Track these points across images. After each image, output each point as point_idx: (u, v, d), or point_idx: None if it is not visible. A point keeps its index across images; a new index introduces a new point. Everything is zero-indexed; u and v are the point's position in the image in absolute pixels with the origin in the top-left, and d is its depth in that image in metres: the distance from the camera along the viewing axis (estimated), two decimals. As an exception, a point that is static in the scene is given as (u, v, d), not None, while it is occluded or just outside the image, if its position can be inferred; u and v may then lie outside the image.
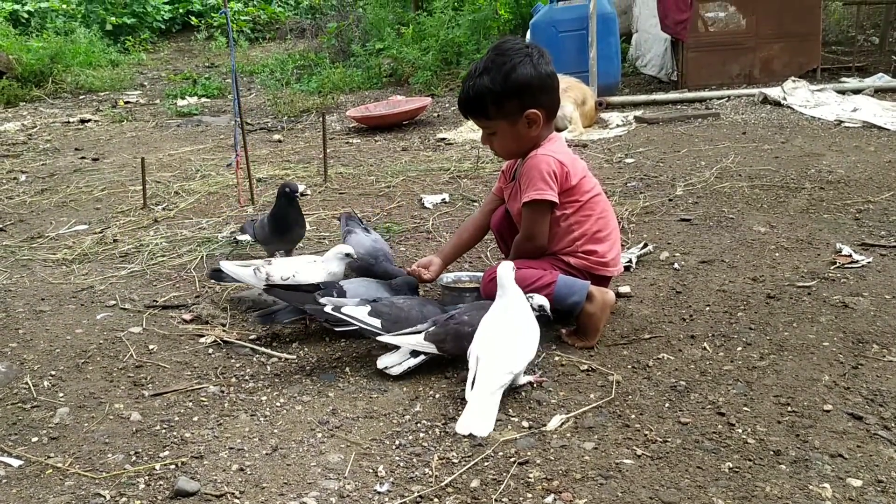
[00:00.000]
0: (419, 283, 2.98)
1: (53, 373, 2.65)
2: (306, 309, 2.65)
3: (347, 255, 2.99)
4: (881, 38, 9.36)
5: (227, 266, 3.03)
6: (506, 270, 2.46)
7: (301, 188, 2.76)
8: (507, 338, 2.32)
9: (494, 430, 2.16)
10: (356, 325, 2.54)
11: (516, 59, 2.61)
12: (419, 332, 2.48)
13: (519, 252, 2.81)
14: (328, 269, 2.98)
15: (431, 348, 2.45)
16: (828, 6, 9.92)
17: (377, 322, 2.54)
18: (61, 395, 2.51)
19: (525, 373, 2.36)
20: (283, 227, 3.40)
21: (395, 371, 2.47)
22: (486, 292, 2.79)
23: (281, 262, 3.04)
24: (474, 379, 2.23)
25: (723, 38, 7.71)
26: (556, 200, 2.66)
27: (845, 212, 3.85)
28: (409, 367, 2.47)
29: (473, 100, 2.69)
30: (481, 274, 3.18)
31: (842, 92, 6.92)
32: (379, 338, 2.51)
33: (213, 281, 3.28)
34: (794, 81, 7.02)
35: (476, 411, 2.17)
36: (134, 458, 2.13)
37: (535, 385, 2.37)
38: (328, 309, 2.55)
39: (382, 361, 2.50)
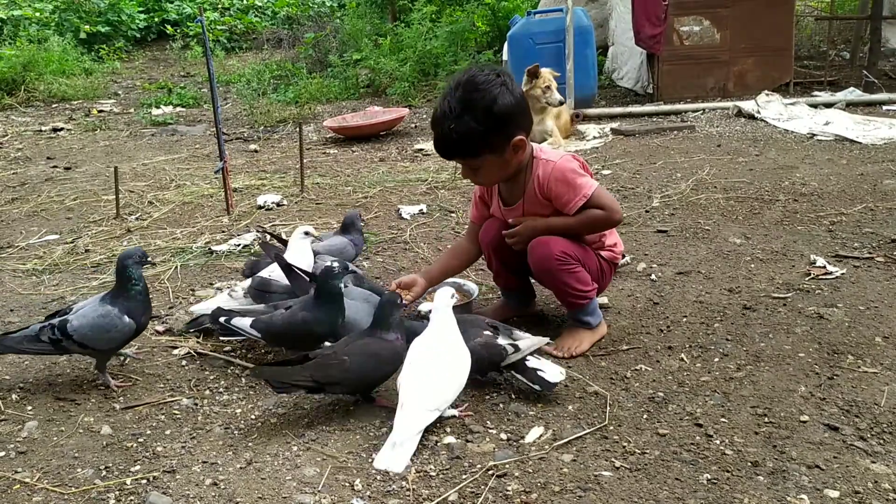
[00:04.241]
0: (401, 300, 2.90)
1: (22, 385, 2.59)
2: (210, 316, 2.68)
3: (307, 233, 3.09)
4: (852, 53, 9.51)
5: (200, 308, 2.97)
6: (444, 297, 2.36)
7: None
8: (436, 372, 2.21)
9: (472, 442, 2.15)
10: (242, 337, 2.64)
11: (494, 91, 2.49)
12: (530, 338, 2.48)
13: (598, 227, 2.73)
14: (296, 248, 3.03)
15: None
16: (800, 21, 10.07)
17: (256, 334, 2.57)
18: (30, 408, 2.45)
19: (452, 405, 2.27)
20: None
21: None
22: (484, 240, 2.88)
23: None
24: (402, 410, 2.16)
25: (697, 51, 7.78)
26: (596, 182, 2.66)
27: (819, 224, 3.89)
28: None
29: (458, 142, 2.55)
30: (462, 281, 3.17)
31: (814, 106, 7.01)
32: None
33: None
34: (767, 95, 7.11)
35: (396, 447, 2.07)
36: (104, 472, 2.08)
37: (460, 418, 2.27)
38: (222, 320, 2.60)
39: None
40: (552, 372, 2.37)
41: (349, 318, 2.65)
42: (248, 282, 2.99)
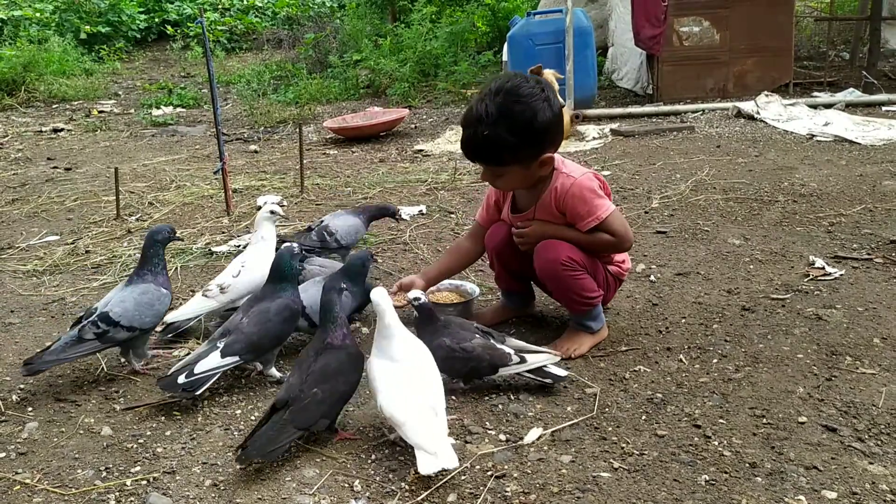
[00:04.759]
0: (372, 257, 2.86)
1: (22, 386, 2.60)
2: (160, 388, 2.41)
3: (273, 212, 3.08)
4: (851, 53, 9.52)
5: (176, 315, 2.91)
6: (383, 295, 2.23)
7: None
8: (422, 379, 2.15)
9: (471, 443, 2.15)
10: (217, 375, 2.41)
11: (536, 106, 2.44)
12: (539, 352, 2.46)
13: (607, 250, 2.75)
14: (262, 234, 3.02)
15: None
16: (799, 22, 10.07)
17: (235, 358, 2.42)
18: (30, 409, 2.46)
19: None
20: None
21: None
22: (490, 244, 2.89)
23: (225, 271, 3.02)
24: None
25: (697, 52, 7.79)
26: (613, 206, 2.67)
27: (818, 224, 3.90)
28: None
29: (487, 149, 2.51)
30: (461, 282, 3.18)
31: (814, 106, 7.02)
32: (518, 369, 2.41)
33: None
34: (766, 96, 7.12)
35: (437, 453, 1.96)
36: (104, 473, 2.09)
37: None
38: (182, 379, 2.33)
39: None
40: (556, 368, 2.43)
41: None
42: (220, 278, 2.97)
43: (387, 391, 2.11)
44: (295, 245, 2.68)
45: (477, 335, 2.46)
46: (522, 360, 2.41)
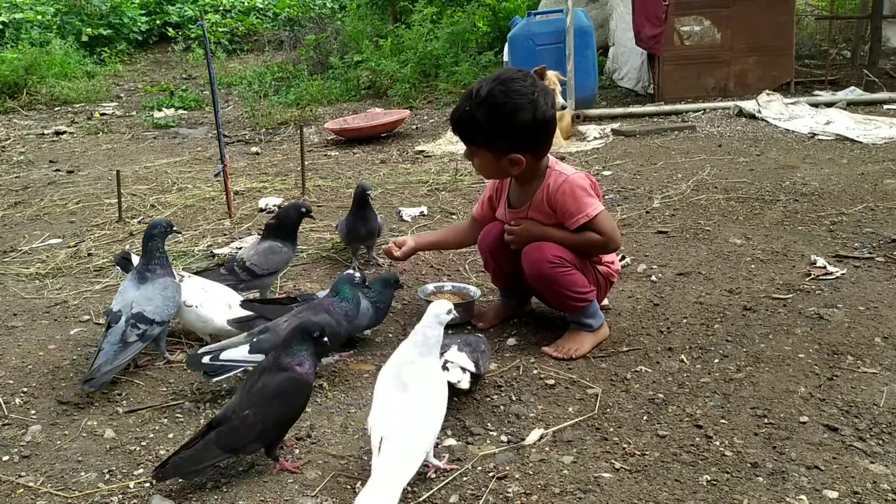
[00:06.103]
0: (397, 280, 2.88)
1: (25, 389, 2.61)
2: (186, 364, 2.45)
3: None
4: (853, 51, 9.51)
5: None
6: (440, 309, 2.10)
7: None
8: (417, 410, 2.00)
9: (473, 444, 2.16)
10: (240, 368, 2.42)
11: (519, 104, 2.52)
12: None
13: (594, 250, 2.74)
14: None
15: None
16: (800, 20, 10.07)
17: (261, 356, 2.37)
18: (33, 412, 2.47)
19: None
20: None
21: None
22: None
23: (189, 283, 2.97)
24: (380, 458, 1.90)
25: (698, 51, 7.80)
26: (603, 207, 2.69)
27: (819, 224, 3.90)
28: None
29: (464, 124, 2.65)
30: (463, 285, 3.19)
31: (815, 105, 7.02)
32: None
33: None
34: (768, 94, 7.11)
35: (378, 498, 1.81)
36: (108, 476, 2.10)
37: (438, 472, 2.04)
38: (206, 360, 2.37)
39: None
40: (454, 374, 2.29)
41: None
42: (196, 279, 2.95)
43: (380, 404, 2.03)
44: (357, 274, 2.65)
45: (452, 344, 2.40)
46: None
